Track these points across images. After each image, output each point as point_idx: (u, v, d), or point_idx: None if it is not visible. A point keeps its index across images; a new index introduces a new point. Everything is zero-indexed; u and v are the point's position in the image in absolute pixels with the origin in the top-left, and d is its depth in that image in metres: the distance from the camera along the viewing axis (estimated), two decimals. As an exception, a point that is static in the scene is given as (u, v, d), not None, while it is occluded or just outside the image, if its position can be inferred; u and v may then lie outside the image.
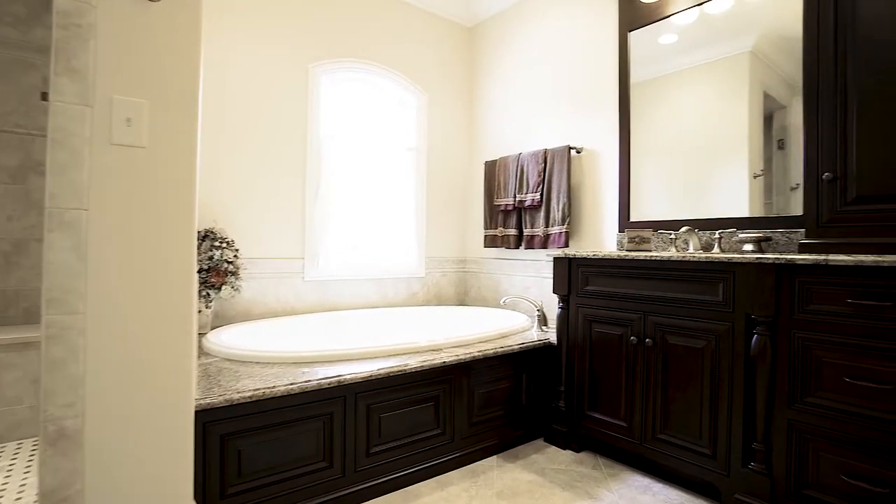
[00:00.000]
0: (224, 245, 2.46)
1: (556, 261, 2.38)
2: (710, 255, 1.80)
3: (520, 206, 3.17)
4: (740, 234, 2.06)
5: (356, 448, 1.80)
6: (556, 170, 2.95)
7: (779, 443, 1.62)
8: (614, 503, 1.81)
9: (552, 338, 2.52)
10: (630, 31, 2.63)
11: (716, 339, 1.78)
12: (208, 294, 2.41)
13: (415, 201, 3.51)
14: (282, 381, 1.64)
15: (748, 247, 2.03)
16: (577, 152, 2.94)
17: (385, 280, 3.30)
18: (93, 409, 1.22)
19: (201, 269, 2.38)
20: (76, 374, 1.19)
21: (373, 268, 3.27)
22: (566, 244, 2.87)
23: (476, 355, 2.15)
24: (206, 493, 1.48)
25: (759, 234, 2.02)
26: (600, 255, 2.15)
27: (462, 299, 3.76)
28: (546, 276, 3.09)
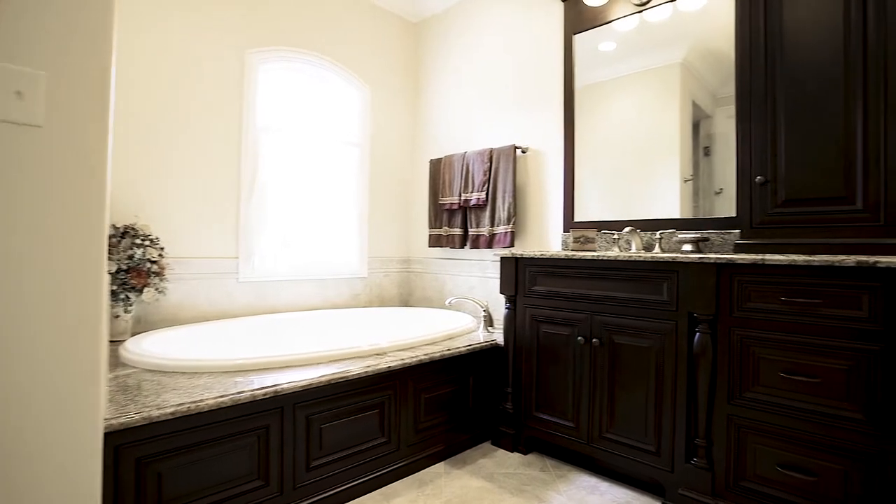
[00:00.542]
0: (147, 243, 2.23)
1: (504, 261, 2.35)
2: (656, 255, 1.83)
3: (465, 205, 3.13)
4: (679, 235, 2.13)
5: (295, 463, 1.67)
6: (502, 169, 2.93)
7: (719, 437, 1.67)
8: (563, 505, 1.80)
9: (499, 339, 2.49)
10: (575, 34, 2.66)
11: (661, 337, 1.81)
12: (128, 297, 2.17)
13: (357, 199, 3.38)
14: (211, 394, 1.48)
15: (687, 247, 2.09)
16: (523, 152, 2.94)
17: (326, 281, 3.15)
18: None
19: (119, 270, 2.14)
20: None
21: (313, 268, 3.11)
22: (512, 244, 2.86)
23: (422, 358, 2.07)
24: (119, 525, 1.31)
25: (697, 235, 2.09)
26: (548, 254, 2.14)
27: (406, 300, 3.67)
28: (491, 276, 3.07)
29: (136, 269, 2.18)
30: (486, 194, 3.00)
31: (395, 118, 3.60)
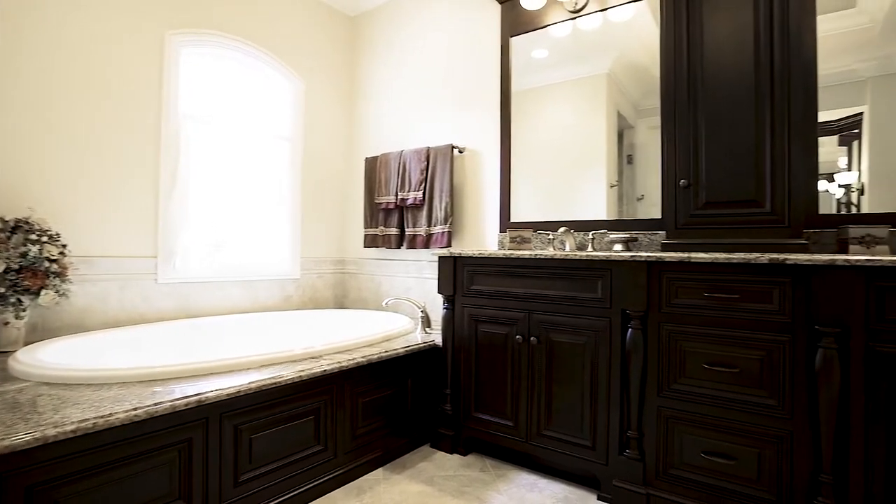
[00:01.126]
0: (45, 239, 1.98)
1: (442, 260, 2.33)
2: (590, 254, 1.88)
3: (402, 204, 3.08)
4: (611, 235, 2.21)
5: (222, 478, 1.54)
6: (440, 168, 2.92)
7: (650, 429, 1.74)
8: None
9: (437, 339, 2.47)
10: (512, 37, 2.71)
11: (595, 334, 1.87)
12: (20, 301, 1.92)
13: (290, 196, 3.23)
14: (122, 407, 1.33)
15: (618, 247, 2.18)
16: (460, 152, 2.94)
17: (255, 282, 2.97)
18: None
19: (8, 269, 1.88)
20: None
21: (241, 268, 2.92)
22: (449, 244, 2.85)
23: (360, 361, 2.00)
24: (7, 563, 1.13)
25: (627, 235, 2.18)
26: (487, 254, 2.15)
27: (341, 302, 3.55)
28: (428, 276, 3.05)
29: (30, 269, 1.93)
30: (424, 194, 2.97)
31: (329, 113, 3.48)
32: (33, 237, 1.95)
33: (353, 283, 3.51)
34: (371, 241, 3.27)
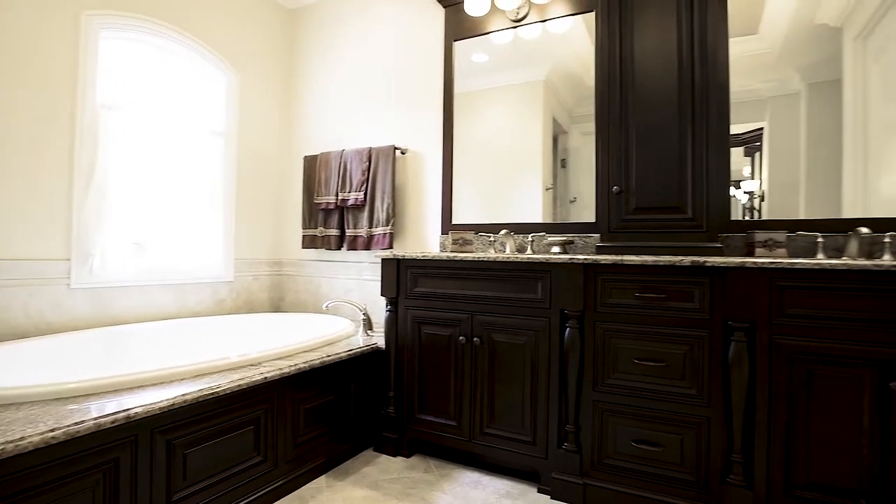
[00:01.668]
0: (-68, 244, 1.76)
1: (385, 262, 2.32)
2: (531, 256, 1.95)
3: (342, 205, 3.03)
4: (549, 238, 2.31)
5: (152, 499, 1.44)
6: (381, 169, 2.90)
7: (586, 422, 1.84)
8: None
9: (379, 342, 2.45)
10: (455, 41, 2.74)
11: (535, 334, 1.94)
12: None
13: (223, 194, 3.07)
14: (36, 429, 1.21)
15: (556, 249, 2.27)
16: (403, 153, 2.94)
17: (185, 286, 2.81)
18: None
19: None
20: None
21: (169, 271, 2.74)
22: (390, 245, 2.84)
23: (301, 367, 1.95)
24: None
25: (564, 238, 2.28)
26: (430, 255, 2.16)
27: (278, 305, 3.43)
28: (368, 278, 3.02)
29: (-82, 277, 1.70)
30: (365, 194, 2.94)
31: (267, 109, 3.35)
32: (-79, 240, 1.73)
33: (290, 286, 3.41)
34: (310, 242, 3.19)
